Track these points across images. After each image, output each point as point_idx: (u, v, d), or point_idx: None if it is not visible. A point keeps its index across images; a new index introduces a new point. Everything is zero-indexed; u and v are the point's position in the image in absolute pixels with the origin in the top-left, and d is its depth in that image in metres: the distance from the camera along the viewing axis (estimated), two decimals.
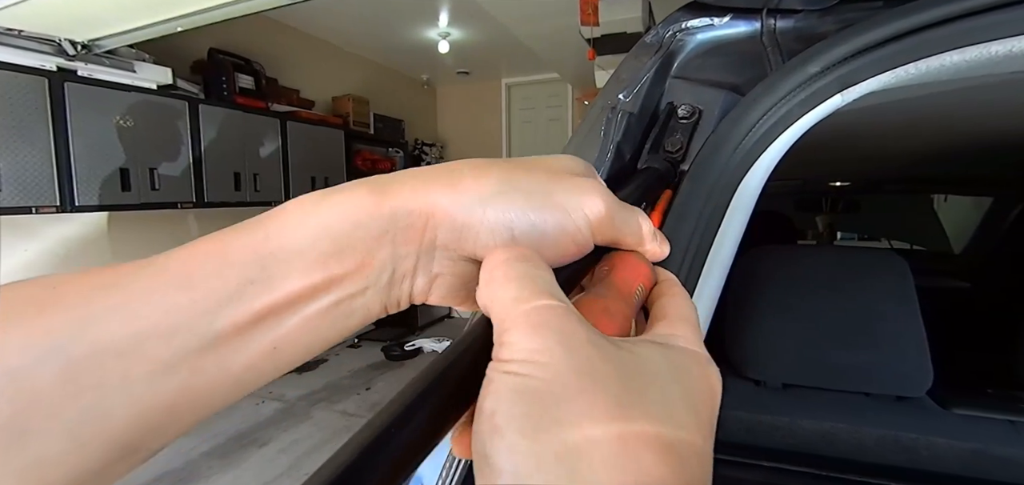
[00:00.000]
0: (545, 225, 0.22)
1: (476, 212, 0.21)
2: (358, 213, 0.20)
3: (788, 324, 0.83)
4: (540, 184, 0.22)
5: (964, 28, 0.30)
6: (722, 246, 0.37)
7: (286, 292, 0.19)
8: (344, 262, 0.20)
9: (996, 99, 0.63)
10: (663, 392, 0.18)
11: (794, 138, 0.39)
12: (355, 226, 0.20)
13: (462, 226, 0.21)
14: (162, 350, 0.18)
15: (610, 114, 0.41)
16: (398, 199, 0.21)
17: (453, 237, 0.21)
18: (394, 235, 0.21)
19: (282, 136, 3.43)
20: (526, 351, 0.17)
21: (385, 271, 0.21)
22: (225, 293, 0.19)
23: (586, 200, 0.22)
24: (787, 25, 0.43)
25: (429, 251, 0.22)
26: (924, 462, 0.75)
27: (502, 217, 0.21)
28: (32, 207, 2.20)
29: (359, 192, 0.21)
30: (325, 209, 0.20)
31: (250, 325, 0.19)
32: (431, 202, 0.21)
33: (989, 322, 1.30)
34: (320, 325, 0.20)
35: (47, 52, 2.13)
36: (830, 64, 0.34)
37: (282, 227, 0.20)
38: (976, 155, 1.17)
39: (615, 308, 0.22)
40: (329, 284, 0.20)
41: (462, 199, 0.21)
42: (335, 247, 0.20)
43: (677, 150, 0.40)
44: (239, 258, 0.19)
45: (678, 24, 0.45)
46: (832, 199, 2.08)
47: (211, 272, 0.19)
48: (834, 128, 0.75)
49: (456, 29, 4.04)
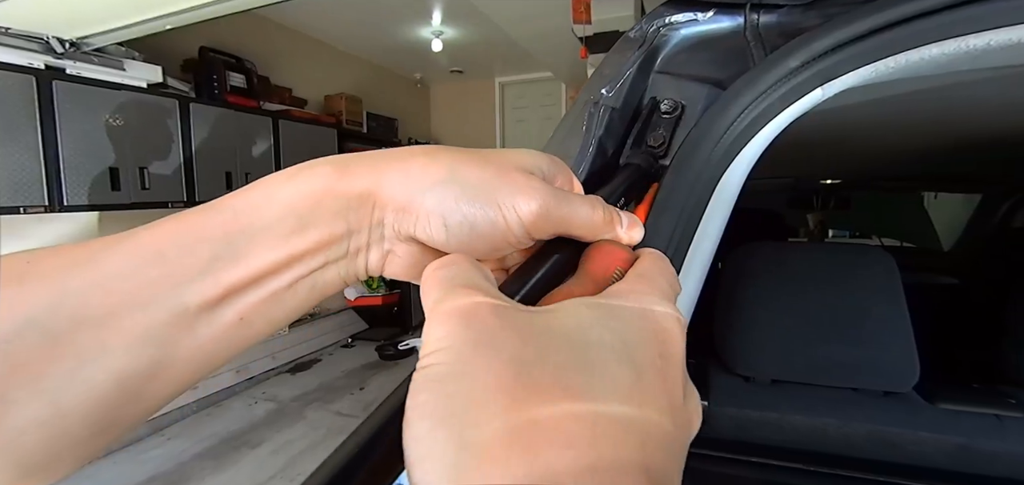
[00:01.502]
0: (475, 219, 0.22)
1: (417, 198, 0.22)
2: (320, 192, 0.22)
3: (777, 320, 0.84)
4: (482, 180, 0.23)
5: (940, 22, 0.30)
6: (703, 240, 0.37)
7: (252, 268, 0.21)
8: (306, 238, 0.21)
9: (981, 96, 0.64)
10: (586, 357, 0.17)
11: (776, 132, 0.39)
12: (317, 204, 0.22)
13: (404, 209, 0.22)
14: (137, 322, 0.19)
15: (592, 109, 0.40)
16: (355, 179, 0.22)
17: (397, 218, 0.23)
18: (348, 213, 0.22)
19: (274, 135, 3.41)
20: (433, 341, 0.17)
21: (342, 246, 0.22)
22: (195, 269, 0.20)
23: (519, 199, 0.23)
24: (770, 20, 0.43)
25: (379, 228, 0.23)
26: (911, 457, 0.76)
27: (438, 206, 0.22)
28: (20, 207, 2.18)
29: (322, 171, 0.22)
30: (289, 188, 0.22)
31: (218, 299, 0.20)
32: (380, 183, 0.22)
33: (977, 318, 1.31)
34: (284, 298, 0.22)
35: (35, 50, 2.11)
36: (810, 58, 0.34)
37: (249, 206, 0.21)
38: (964, 152, 1.18)
39: (578, 292, 0.22)
40: (292, 260, 0.21)
41: (407, 183, 0.22)
42: (299, 224, 0.21)
43: (659, 145, 0.40)
44: (208, 235, 0.20)
45: (662, 19, 0.45)
46: (823, 196, 2.09)
47: (182, 248, 0.20)
48: (823, 125, 0.76)
49: (449, 28, 4.04)
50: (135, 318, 0.19)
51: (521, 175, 0.23)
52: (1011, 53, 0.33)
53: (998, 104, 0.69)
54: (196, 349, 0.20)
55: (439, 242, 0.23)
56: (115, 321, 0.19)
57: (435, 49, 4.26)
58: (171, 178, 2.78)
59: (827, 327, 0.81)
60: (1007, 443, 0.72)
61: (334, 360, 3.66)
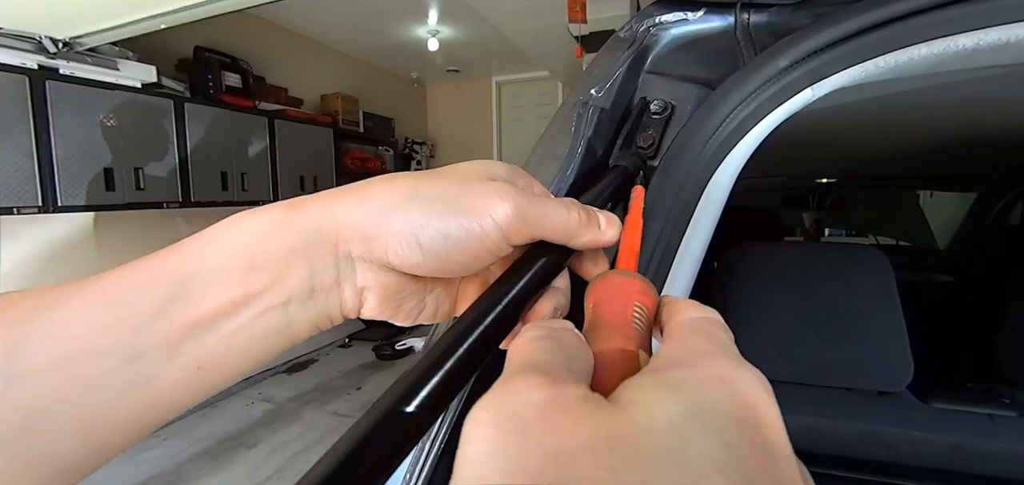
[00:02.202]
0: (450, 230, 0.22)
1: (382, 223, 0.22)
2: (269, 230, 0.22)
3: (771, 320, 0.84)
4: (446, 192, 0.22)
5: (929, 22, 0.30)
6: (692, 242, 0.37)
7: (205, 308, 0.20)
8: (259, 277, 0.21)
9: (973, 96, 0.64)
10: (681, 460, 0.12)
11: (766, 132, 0.39)
12: (266, 242, 0.21)
13: (371, 237, 0.22)
14: (88, 370, 0.18)
15: (581, 110, 0.40)
16: (307, 216, 0.22)
17: (366, 249, 0.22)
18: (307, 250, 0.22)
19: (270, 135, 3.40)
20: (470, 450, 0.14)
21: (304, 285, 0.22)
22: (148, 311, 0.20)
23: (491, 203, 0.22)
24: (760, 19, 0.43)
25: (347, 264, 0.22)
26: (905, 457, 0.76)
27: (407, 226, 0.22)
28: (14, 208, 2.17)
29: (273, 212, 0.22)
30: (242, 228, 0.22)
31: (173, 342, 0.20)
32: (338, 216, 0.22)
33: (971, 317, 1.31)
34: (242, 340, 0.21)
35: (27, 50, 2.10)
36: (799, 58, 0.34)
37: (204, 246, 0.21)
38: (958, 151, 1.18)
39: (610, 350, 0.19)
40: (247, 298, 0.21)
41: (368, 210, 0.22)
42: (250, 263, 0.21)
43: (649, 146, 0.40)
44: (163, 276, 0.20)
45: (652, 19, 0.45)
46: (819, 195, 2.09)
47: (137, 291, 0.20)
48: (816, 124, 0.75)
49: (445, 27, 4.03)
50: (87, 364, 0.18)
51: (484, 181, 0.23)
52: (1001, 53, 0.32)
53: (991, 103, 0.69)
54: (153, 395, 0.20)
55: (415, 263, 0.22)
56: (66, 368, 0.18)
57: (431, 48, 4.26)
58: (166, 179, 2.77)
59: (821, 327, 0.81)
60: (1000, 442, 0.72)
61: (331, 360, 3.65)
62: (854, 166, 1.50)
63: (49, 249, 2.46)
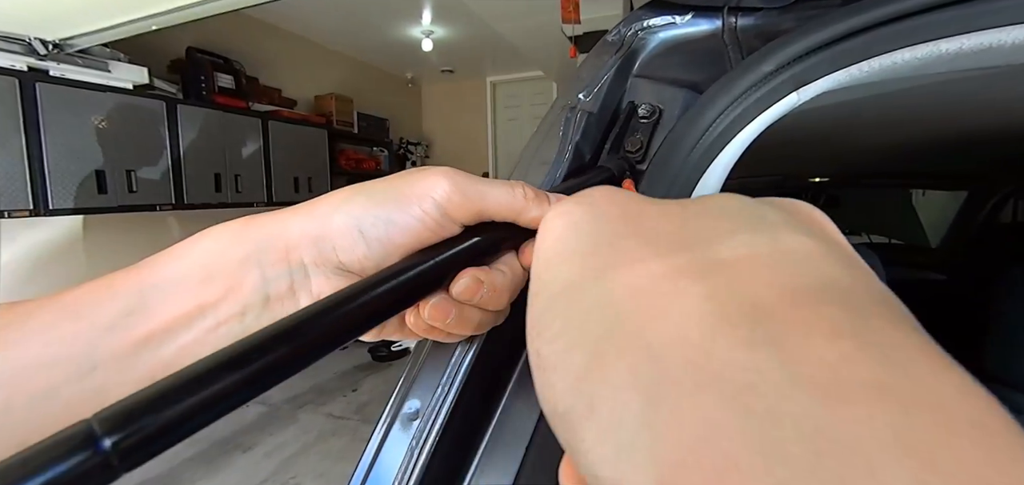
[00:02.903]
0: (390, 214, 0.23)
1: (327, 222, 0.23)
2: (224, 242, 0.23)
3: None
4: (387, 185, 0.24)
5: (912, 26, 0.30)
6: None
7: (161, 319, 0.21)
8: (213, 288, 0.22)
9: (963, 95, 0.64)
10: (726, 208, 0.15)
11: (753, 136, 0.39)
12: (220, 254, 0.22)
13: (319, 238, 0.23)
14: (42, 379, 0.19)
15: (569, 114, 0.40)
16: (260, 228, 0.23)
17: (316, 252, 0.23)
18: (259, 258, 0.23)
19: (264, 136, 3.39)
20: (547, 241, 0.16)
21: (258, 294, 0.23)
22: (105, 322, 0.20)
23: (430, 182, 0.23)
24: (748, 23, 0.43)
25: (301, 270, 0.23)
26: None
27: (349, 219, 0.23)
28: (4, 211, 2.15)
29: (230, 227, 0.23)
30: (200, 242, 0.23)
31: (128, 353, 0.20)
32: (289, 227, 0.23)
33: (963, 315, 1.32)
34: (199, 352, 0.21)
35: (17, 51, 2.08)
36: (784, 63, 0.34)
37: (165, 262, 0.22)
38: (949, 150, 1.18)
39: None
40: (202, 309, 0.22)
41: (314, 215, 0.23)
42: (205, 274, 0.22)
43: (637, 150, 0.40)
44: (123, 289, 0.21)
45: (640, 22, 0.45)
46: (812, 194, 2.10)
47: (96, 303, 0.20)
48: (807, 124, 0.76)
49: (439, 27, 4.02)
50: (41, 375, 0.19)
51: (421, 172, 0.24)
52: (984, 56, 0.32)
53: (980, 102, 0.70)
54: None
55: (360, 254, 0.23)
56: (19, 378, 0.19)
57: (425, 48, 4.25)
58: (159, 181, 2.76)
59: None
60: None
61: (326, 362, 3.62)
62: (846, 165, 1.50)
63: (38, 253, 2.44)
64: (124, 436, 0.13)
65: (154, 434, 0.14)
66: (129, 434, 0.13)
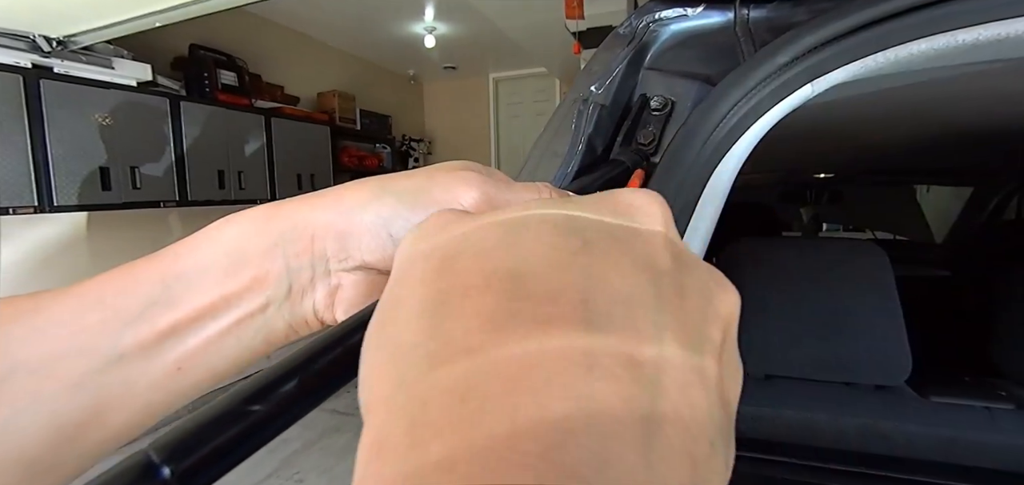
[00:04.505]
0: (419, 220, 0.22)
1: (354, 219, 0.22)
2: (249, 230, 0.22)
3: (771, 316, 0.84)
4: (414, 185, 0.23)
5: (930, 16, 0.30)
6: (693, 240, 0.37)
7: (187, 310, 0.21)
8: (240, 277, 0.21)
9: (971, 91, 0.64)
10: (574, 264, 0.13)
11: (766, 128, 0.39)
12: (247, 242, 0.22)
13: (344, 234, 0.23)
14: (69, 369, 0.19)
15: (581, 107, 0.40)
16: (285, 216, 0.23)
17: (339, 247, 0.23)
18: (284, 248, 0.22)
19: (267, 133, 3.38)
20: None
21: (281, 285, 0.22)
22: (130, 312, 0.20)
23: (458, 190, 0.23)
24: (760, 15, 0.43)
25: (322, 262, 0.23)
26: (903, 450, 0.76)
27: (377, 219, 0.22)
28: (9, 208, 2.15)
29: (254, 213, 0.23)
30: (224, 230, 0.22)
31: (153, 343, 0.20)
32: (314, 216, 0.23)
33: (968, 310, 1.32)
34: (223, 344, 0.21)
35: (21, 49, 2.08)
36: (799, 54, 0.34)
37: (188, 250, 0.22)
38: (955, 146, 1.18)
39: None
40: (228, 300, 0.21)
41: (341, 209, 0.23)
42: (231, 263, 0.21)
43: (649, 143, 0.40)
44: (147, 278, 0.21)
45: (651, 15, 0.45)
46: (816, 190, 2.10)
47: (120, 293, 0.20)
48: (814, 118, 0.75)
49: (442, 23, 4.01)
50: (69, 364, 0.19)
51: (451, 173, 0.23)
52: (1001, 47, 0.32)
53: (988, 98, 0.70)
54: (131, 396, 0.20)
55: (388, 255, 0.22)
56: (49, 367, 0.19)
57: (428, 45, 4.24)
58: (163, 178, 2.76)
59: (820, 322, 0.81)
60: (997, 435, 0.73)
61: None
62: (852, 161, 1.50)
63: (43, 250, 2.45)
64: (181, 464, 0.14)
65: (210, 457, 0.15)
66: (185, 460, 0.14)
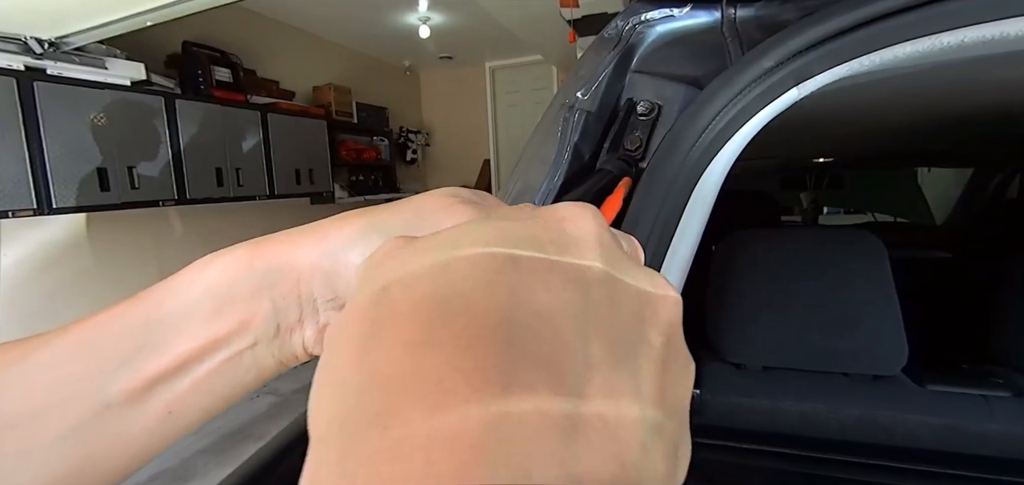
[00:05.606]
0: None
1: (341, 258, 0.22)
2: (234, 272, 0.21)
3: (768, 307, 0.84)
4: (402, 221, 0.22)
5: (914, 19, 0.29)
6: (681, 245, 0.37)
7: (174, 355, 0.20)
8: (227, 320, 0.21)
9: (968, 76, 0.63)
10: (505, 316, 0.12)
11: (755, 130, 0.38)
12: (232, 284, 0.21)
13: (331, 274, 0.22)
14: (55, 421, 0.18)
15: (567, 114, 0.40)
16: (268, 256, 0.22)
17: (327, 287, 0.22)
18: (270, 289, 0.22)
19: (263, 129, 3.37)
20: None
21: (270, 325, 0.22)
22: (115, 360, 0.19)
23: (446, 222, 0.22)
24: (747, 14, 0.42)
25: (310, 303, 0.22)
26: (901, 439, 0.76)
27: (364, 257, 0.22)
28: (8, 211, 2.15)
29: (237, 253, 0.22)
30: (208, 271, 0.22)
31: (142, 390, 0.20)
32: (298, 256, 0.22)
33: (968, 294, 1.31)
34: (213, 385, 0.21)
35: (13, 51, 2.07)
36: (784, 58, 0.33)
37: (172, 293, 0.21)
38: (955, 129, 1.17)
39: None
40: (216, 343, 0.21)
41: (327, 248, 0.22)
42: (217, 306, 0.21)
43: (636, 148, 0.39)
44: (131, 324, 0.20)
45: (637, 16, 0.44)
46: (816, 175, 2.09)
47: (105, 340, 0.20)
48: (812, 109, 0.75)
49: (436, 13, 3.98)
50: (56, 416, 0.19)
51: (438, 203, 0.23)
52: (988, 47, 0.32)
53: (986, 83, 0.69)
54: (124, 444, 0.20)
55: None
56: (33, 421, 0.18)
57: (423, 35, 4.20)
58: (160, 177, 2.76)
59: (817, 313, 0.81)
60: (994, 423, 0.73)
61: None
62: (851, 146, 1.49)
63: (43, 252, 2.45)
64: None
65: None
66: None
